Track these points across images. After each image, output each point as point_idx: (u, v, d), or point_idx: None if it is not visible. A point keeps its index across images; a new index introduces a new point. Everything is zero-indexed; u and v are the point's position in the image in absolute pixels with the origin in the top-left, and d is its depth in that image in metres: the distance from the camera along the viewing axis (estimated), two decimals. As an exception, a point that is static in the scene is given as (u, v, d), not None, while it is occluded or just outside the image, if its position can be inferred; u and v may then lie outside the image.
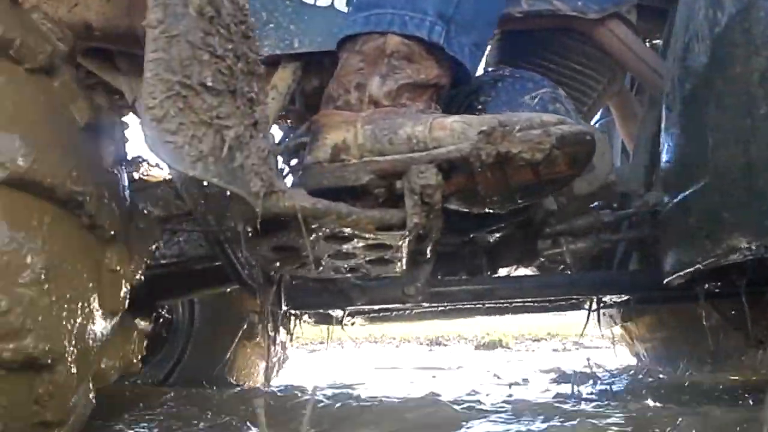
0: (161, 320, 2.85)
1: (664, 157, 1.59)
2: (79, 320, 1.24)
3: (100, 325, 1.34)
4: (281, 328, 2.02)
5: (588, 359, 3.25)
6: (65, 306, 1.19)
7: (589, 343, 6.28)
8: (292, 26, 1.59)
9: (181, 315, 2.91)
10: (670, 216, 1.57)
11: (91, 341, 1.30)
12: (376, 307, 1.96)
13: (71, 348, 1.21)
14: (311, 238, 1.38)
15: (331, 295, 1.74)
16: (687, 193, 1.44)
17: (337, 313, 2.15)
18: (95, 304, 1.30)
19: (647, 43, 2.10)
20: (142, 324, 2.30)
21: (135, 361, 1.49)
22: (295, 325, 2.17)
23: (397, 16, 1.41)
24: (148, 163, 2.10)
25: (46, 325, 1.15)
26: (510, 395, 2.33)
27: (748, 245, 1.24)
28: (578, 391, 2.40)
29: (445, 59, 1.43)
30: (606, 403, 1.84)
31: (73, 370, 1.23)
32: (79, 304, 1.23)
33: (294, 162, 1.53)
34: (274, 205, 1.22)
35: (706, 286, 1.83)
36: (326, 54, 1.57)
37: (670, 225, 1.58)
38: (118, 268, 1.35)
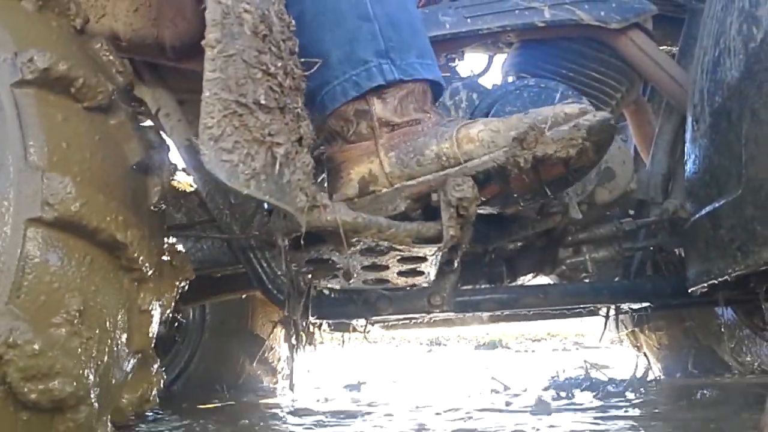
0: (175, 324, 2.84)
1: (689, 168, 1.61)
2: (105, 360, 1.23)
3: (126, 364, 1.33)
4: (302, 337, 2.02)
5: (586, 361, 3.27)
6: (95, 346, 1.18)
7: (588, 343, 6.32)
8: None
9: (192, 322, 2.90)
10: (698, 227, 1.59)
11: (114, 380, 1.29)
12: (399, 316, 1.97)
13: (95, 388, 1.20)
14: (348, 251, 1.38)
15: (357, 305, 1.75)
16: (717, 204, 1.46)
17: (359, 321, 2.15)
18: (123, 343, 1.29)
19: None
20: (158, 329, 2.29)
21: (152, 397, 1.47)
22: (314, 333, 2.17)
23: (347, 83, 1.35)
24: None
25: (75, 367, 1.14)
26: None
27: (781, 257, 1.26)
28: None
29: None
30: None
31: (95, 409, 1.23)
32: (108, 344, 1.22)
33: None
34: (316, 219, 1.22)
35: (726, 292, 1.85)
36: None
37: (698, 235, 1.60)
38: (150, 307, 1.34)
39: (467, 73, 2.06)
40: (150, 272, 1.27)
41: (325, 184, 1.38)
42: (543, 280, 2.24)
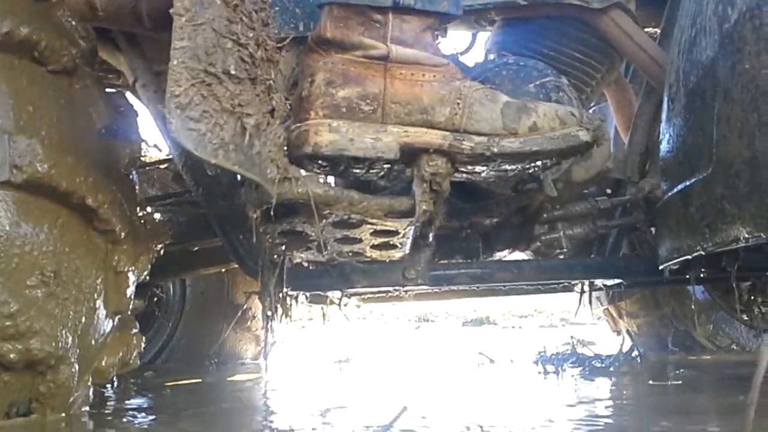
0: (155, 299, 2.85)
1: (664, 147, 1.62)
2: (83, 321, 1.25)
3: (103, 325, 1.36)
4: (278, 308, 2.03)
5: (572, 337, 3.32)
6: (71, 307, 1.21)
7: (574, 319, 6.37)
8: (297, 10, 1.59)
9: (172, 295, 2.90)
10: (669, 205, 1.61)
11: (93, 341, 1.32)
12: (374, 289, 1.98)
13: (74, 348, 1.23)
14: (320, 224, 1.39)
15: (332, 277, 1.76)
16: (688, 183, 1.47)
17: (334, 294, 2.17)
18: (100, 305, 1.31)
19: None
20: (137, 303, 2.30)
21: (133, 359, 1.50)
22: (290, 306, 2.19)
23: None
24: (146, 143, 2.08)
25: (52, 326, 1.16)
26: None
27: (749, 235, 1.28)
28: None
29: None
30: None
31: (74, 370, 1.25)
32: (85, 305, 1.25)
33: None
34: (287, 191, 1.23)
35: (698, 271, 1.88)
36: None
37: (669, 213, 1.61)
38: (125, 269, 1.36)
39: (451, 51, 2.06)
40: (123, 234, 1.28)
41: None
42: (519, 256, 2.26)
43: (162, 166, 1.93)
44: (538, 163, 1.42)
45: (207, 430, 1.34)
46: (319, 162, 1.31)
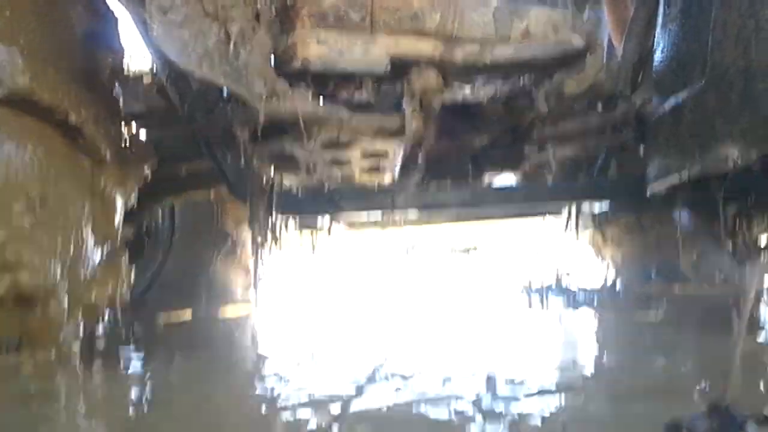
0: (143, 227, 2.80)
1: (658, 56, 1.58)
2: (71, 251, 1.20)
3: (92, 256, 1.31)
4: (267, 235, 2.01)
5: (557, 269, 3.35)
6: (59, 237, 1.15)
7: (560, 247, 6.41)
8: None
9: (161, 223, 2.86)
10: (660, 122, 1.58)
11: (82, 273, 1.27)
12: (362, 213, 1.97)
13: (63, 282, 1.18)
14: (309, 143, 1.36)
15: (321, 202, 1.74)
16: (681, 97, 1.44)
17: (324, 220, 2.16)
18: (88, 231, 1.26)
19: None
20: (125, 231, 2.27)
21: (122, 293, 1.46)
22: (279, 233, 2.17)
23: None
24: (130, 54, 1.98)
25: (41, 258, 1.12)
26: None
27: (739, 155, 1.26)
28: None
29: None
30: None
31: (65, 304, 1.21)
32: (73, 234, 1.19)
33: None
34: (276, 108, 1.19)
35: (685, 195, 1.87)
36: None
37: (659, 131, 1.59)
38: (113, 193, 1.31)
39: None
40: (109, 154, 1.22)
41: None
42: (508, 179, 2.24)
43: (146, 81, 1.84)
44: (532, 75, 1.39)
45: (198, 375, 1.33)
46: (308, 81, 1.27)
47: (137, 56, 1.73)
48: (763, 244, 2.54)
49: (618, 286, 2.90)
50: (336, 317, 2.32)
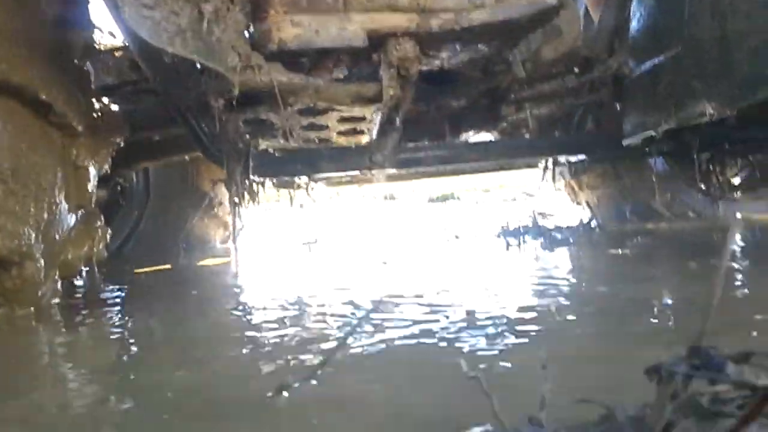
0: (118, 188, 2.79)
1: (634, 24, 1.59)
2: (45, 217, 1.23)
3: (67, 220, 1.33)
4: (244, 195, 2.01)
5: (533, 211, 3.39)
6: (32, 204, 1.17)
7: (536, 193, 6.47)
8: None
9: (136, 185, 2.85)
10: (637, 82, 1.60)
11: (57, 236, 1.30)
12: (341, 174, 1.97)
13: (38, 244, 1.21)
14: (285, 112, 1.35)
15: (299, 163, 1.74)
16: (658, 61, 1.46)
17: (302, 178, 2.16)
18: (62, 200, 1.28)
19: None
20: (100, 193, 2.26)
21: (99, 250, 1.50)
22: (257, 191, 2.17)
23: None
24: (100, 30, 1.95)
25: (13, 223, 1.14)
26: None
27: (714, 111, 1.29)
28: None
29: None
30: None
31: (40, 265, 1.24)
32: (46, 201, 1.22)
33: None
34: (251, 79, 1.18)
35: (660, 145, 1.91)
36: None
37: (636, 90, 1.61)
38: (85, 163, 1.32)
39: None
40: (80, 128, 1.23)
41: None
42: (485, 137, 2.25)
43: (117, 54, 1.82)
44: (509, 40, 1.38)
45: (178, 321, 1.33)
46: (286, 60, 1.25)
47: (109, 31, 1.69)
48: (736, 183, 2.61)
49: (593, 225, 2.96)
50: (316, 265, 2.34)
